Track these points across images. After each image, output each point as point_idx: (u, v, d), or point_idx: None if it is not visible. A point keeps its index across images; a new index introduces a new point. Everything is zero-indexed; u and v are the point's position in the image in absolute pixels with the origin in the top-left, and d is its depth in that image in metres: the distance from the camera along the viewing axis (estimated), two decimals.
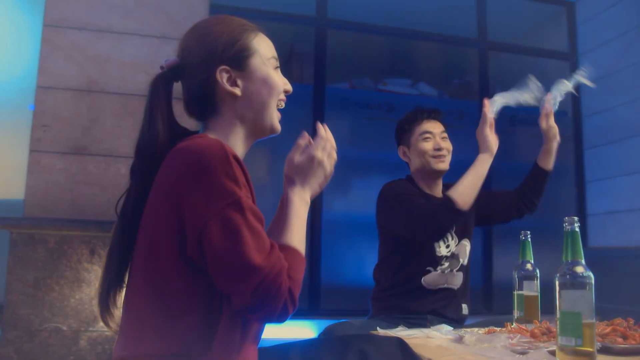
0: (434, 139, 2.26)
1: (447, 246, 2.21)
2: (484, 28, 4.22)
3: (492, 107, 2.10)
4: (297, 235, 1.14)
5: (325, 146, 1.22)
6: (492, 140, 2.09)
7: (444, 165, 2.25)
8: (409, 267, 2.19)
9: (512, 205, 2.32)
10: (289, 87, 1.28)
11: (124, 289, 1.16)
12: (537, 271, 1.83)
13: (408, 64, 4.67)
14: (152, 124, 1.17)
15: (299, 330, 3.45)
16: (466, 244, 2.28)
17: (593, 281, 1.29)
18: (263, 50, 1.24)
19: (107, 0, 2.88)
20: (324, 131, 1.24)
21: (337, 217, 3.87)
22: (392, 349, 1.38)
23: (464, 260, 2.25)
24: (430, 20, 4.26)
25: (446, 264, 2.20)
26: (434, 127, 2.28)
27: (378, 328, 1.82)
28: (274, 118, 1.25)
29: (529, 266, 1.84)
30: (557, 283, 1.31)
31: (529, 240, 1.86)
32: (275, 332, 3.39)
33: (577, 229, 1.33)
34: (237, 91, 1.20)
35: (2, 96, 3.74)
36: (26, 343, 2.58)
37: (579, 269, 1.30)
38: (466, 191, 2.01)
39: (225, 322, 1.07)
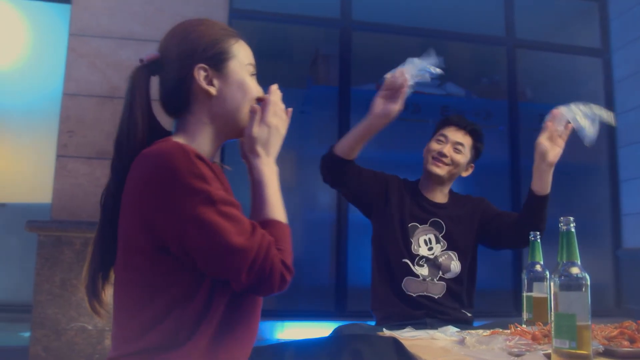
0: (444, 143, 2.22)
1: (430, 248, 2.18)
2: (512, 25, 4.15)
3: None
4: (275, 207, 1.18)
5: (276, 111, 1.26)
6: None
7: (439, 170, 2.21)
8: (388, 258, 2.19)
9: (511, 233, 2.16)
10: (261, 94, 1.30)
11: (110, 279, 1.21)
12: (547, 272, 1.80)
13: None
14: (132, 116, 1.20)
15: (326, 331, 3.46)
16: (453, 257, 2.20)
17: (589, 282, 1.25)
18: (241, 56, 1.27)
19: (127, 8, 2.97)
20: (273, 95, 1.27)
21: (363, 218, 3.86)
22: (387, 349, 1.38)
23: (445, 274, 2.17)
24: (457, 19, 4.22)
25: (425, 268, 2.16)
26: (453, 135, 2.23)
27: (384, 329, 1.82)
28: (245, 121, 1.27)
29: (538, 267, 1.80)
30: (551, 284, 1.28)
31: (539, 241, 1.82)
32: (298, 333, 3.42)
33: (573, 229, 1.29)
34: (213, 90, 1.23)
35: (30, 104, 3.89)
36: (53, 342, 2.67)
37: (575, 270, 1.26)
38: (346, 136, 2.11)
39: (211, 317, 1.10)
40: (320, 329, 3.47)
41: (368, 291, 2.30)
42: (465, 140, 2.24)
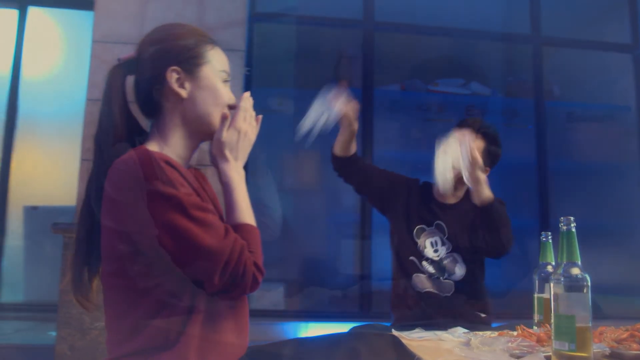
0: None
1: (436, 250, 2.20)
2: (538, 23, 4.07)
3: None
4: (244, 210, 1.22)
5: (245, 117, 1.28)
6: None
7: None
8: (399, 255, 2.26)
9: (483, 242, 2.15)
10: (232, 101, 1.32)
11: (96, 273, 1.24)
12: None
13: (459, 63, 4.57)
14: (110, 114, 1.23)
15: None
16: (458, 259, 2.20)
17: (589, 283, 1.23)
18: (216, 62, 1.30)
19: (149, 14, 3.03)
20: (244, 102, 1.30)
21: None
22: (385, 347, 1.38)
23: (451, 276, 2.18)
24: (481, 18, 4.17)
25: (431, 268, 2.19)
26: None
27: (393, 330, 1.81)
28: (216, 126, 1.29)
29: (549, 268, 1.78)
30: (551, 285, 1.26)
31: (550, 241, 1.80)
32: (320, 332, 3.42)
33: (574, 229, 1.27)
34: (183, 93, 1.25)
35: (58, 109, 3.99)
36: (78, 341, 2.74)
37: (575, 271, 1.24)
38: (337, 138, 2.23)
39: (196, 315, 1.13)
40: (344, 330, 3.47)
41: None
42: (477, 143, 2.18)
